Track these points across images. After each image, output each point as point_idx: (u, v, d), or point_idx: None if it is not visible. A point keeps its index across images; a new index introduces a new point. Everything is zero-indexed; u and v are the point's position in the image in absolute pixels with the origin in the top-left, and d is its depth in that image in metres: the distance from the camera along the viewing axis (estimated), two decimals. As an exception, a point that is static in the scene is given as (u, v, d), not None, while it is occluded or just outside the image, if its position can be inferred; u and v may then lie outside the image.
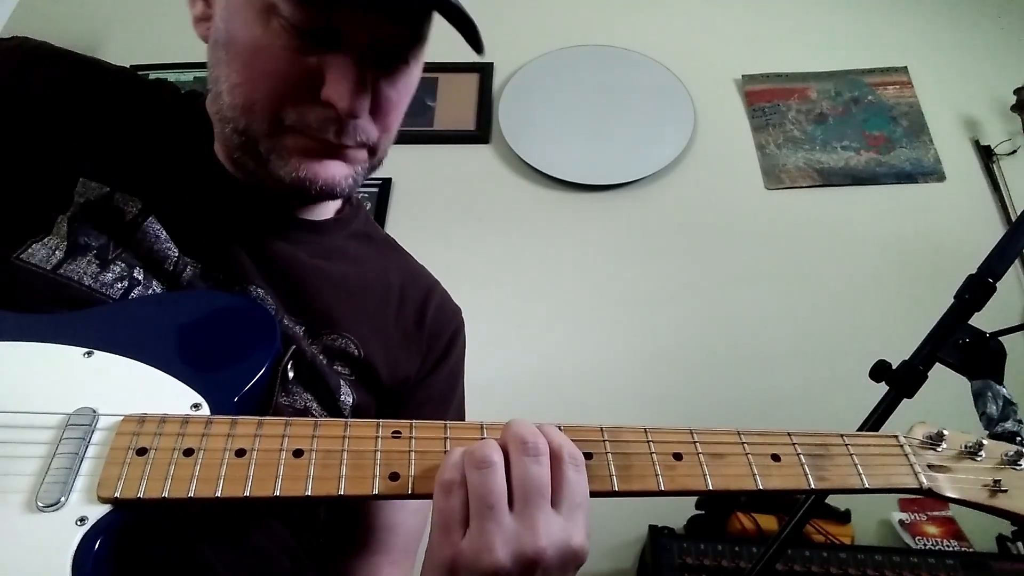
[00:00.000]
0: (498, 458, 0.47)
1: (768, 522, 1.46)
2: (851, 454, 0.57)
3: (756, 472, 0.55)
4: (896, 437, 0.60)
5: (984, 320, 0.85)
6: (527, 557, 0.45)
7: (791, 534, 0.89)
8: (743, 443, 0.56)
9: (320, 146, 0.65)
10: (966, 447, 0.60)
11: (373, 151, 0.69)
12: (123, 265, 0.64)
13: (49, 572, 0.45)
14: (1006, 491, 0.58)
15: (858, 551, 1.35)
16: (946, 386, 0.86)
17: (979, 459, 0.60)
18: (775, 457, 0.56)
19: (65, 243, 0.62)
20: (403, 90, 0.68)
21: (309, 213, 0.77)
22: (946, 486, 0.58)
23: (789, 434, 0.58)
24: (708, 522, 1.53)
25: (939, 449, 0.60)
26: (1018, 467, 0.59)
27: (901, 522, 1.58)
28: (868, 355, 0.87)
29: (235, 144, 0.67)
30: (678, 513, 1.55)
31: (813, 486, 0.55)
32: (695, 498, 1.56)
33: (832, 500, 1.50)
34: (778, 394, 1.77)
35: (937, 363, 0.85)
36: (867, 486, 0.56)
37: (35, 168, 0.65)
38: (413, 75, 0.69)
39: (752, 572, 0.91)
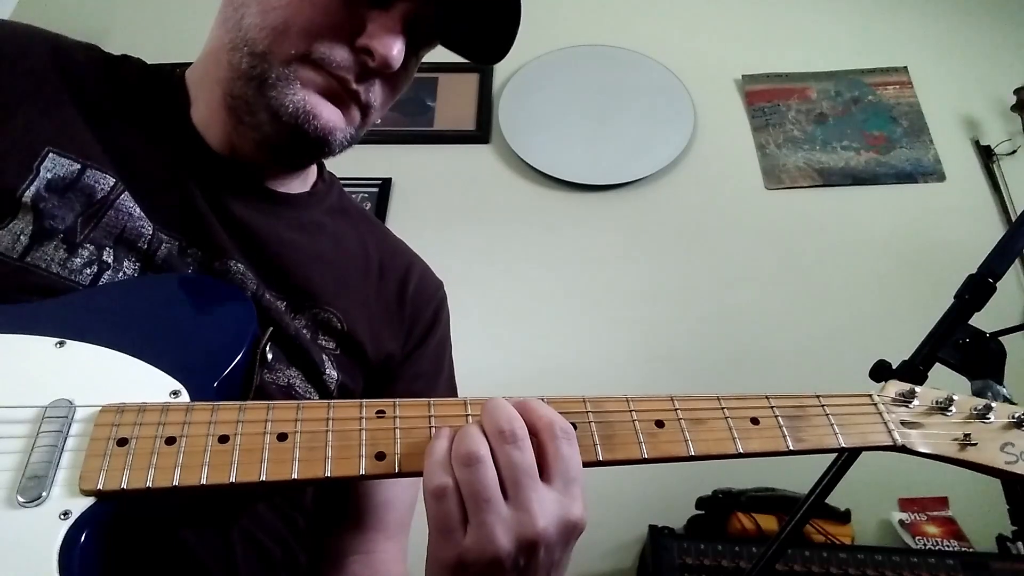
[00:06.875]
0: (484, 450, 0.47)
1: (768, 522, 1.45)
2: (827, 414, 0.58)
3: (736, 436, 0.56)
4: (870, 396, 0.61)
5: (984, 320, 0.84)
6: (528, 540, 0.46)
7: (791, 534, 0.89)
8: (723, 408, 0.58)
9: (334, 86, 0.65)
10: (937, 403, 0.61)
11: (365, 118, 0.69)
12: (92, 248, 0.62)
13: (35, 567, 0.44)
14: (975, 444, 0.58)
15: (858, 551, 1.35)
16: (946, 386, 0.85)
17: (949, 414, 0.60)
18: (754, 420, 0.57)
19: (31, 227, 0.60)
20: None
21: (285, 186, 0.75)
22: (918, 442, 0.59)
23: (767, 397, 0.59)
24: (708, 522, 1.52)
25: (911, 406, 0.61)
26: (987, 420, 0.60)
27: (901, 522, 1.58)
28: (868, 355, 0.86)
29: (243, 68, 0.65)
30: (678, 513, 1.55)
31: (791, 447, 0.56)
32: (695, 498, 1.56)
33: (832, 500, 1.49)
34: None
35: (937, 363, 0.85)
36: (843, 445, 0.57)
37: None
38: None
39: (752, 572, 0.91)
